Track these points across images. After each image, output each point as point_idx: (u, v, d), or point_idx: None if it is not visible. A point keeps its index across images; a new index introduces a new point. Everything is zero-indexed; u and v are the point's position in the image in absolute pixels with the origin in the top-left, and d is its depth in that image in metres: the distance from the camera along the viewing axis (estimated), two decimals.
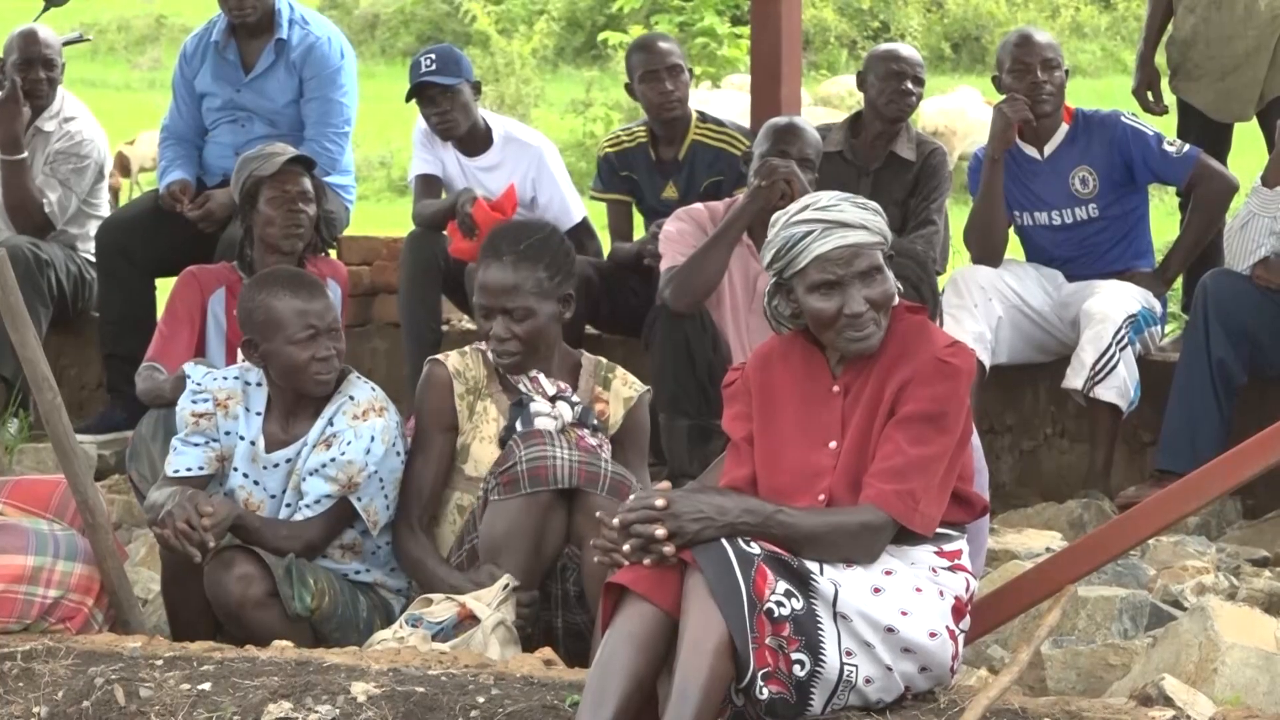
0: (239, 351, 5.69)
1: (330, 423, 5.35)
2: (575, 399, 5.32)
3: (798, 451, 4.41)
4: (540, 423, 5.23)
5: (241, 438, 5.39)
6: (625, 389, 5.43)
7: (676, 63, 7.41)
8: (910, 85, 7.36)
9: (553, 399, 5.29)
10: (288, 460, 5.36)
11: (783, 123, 6.73)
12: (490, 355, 5.35)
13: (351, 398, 5.38)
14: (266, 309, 5.37)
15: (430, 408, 5.36)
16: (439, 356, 5.41)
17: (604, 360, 5.50)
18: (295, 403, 5.40)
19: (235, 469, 5.39)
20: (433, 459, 5.33)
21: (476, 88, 7.49)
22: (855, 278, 4.35)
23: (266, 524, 5.31)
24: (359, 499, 5.30)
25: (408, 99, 7.48)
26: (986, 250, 7.16)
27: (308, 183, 6.55)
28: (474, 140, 7.51)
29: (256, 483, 5.39)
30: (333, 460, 5.30)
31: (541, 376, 5.31)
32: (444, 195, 7.52)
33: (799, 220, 4.39)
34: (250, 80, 7.84)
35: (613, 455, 5.26)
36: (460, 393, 5.34)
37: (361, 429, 5.31)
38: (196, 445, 5.39)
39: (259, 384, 5.45)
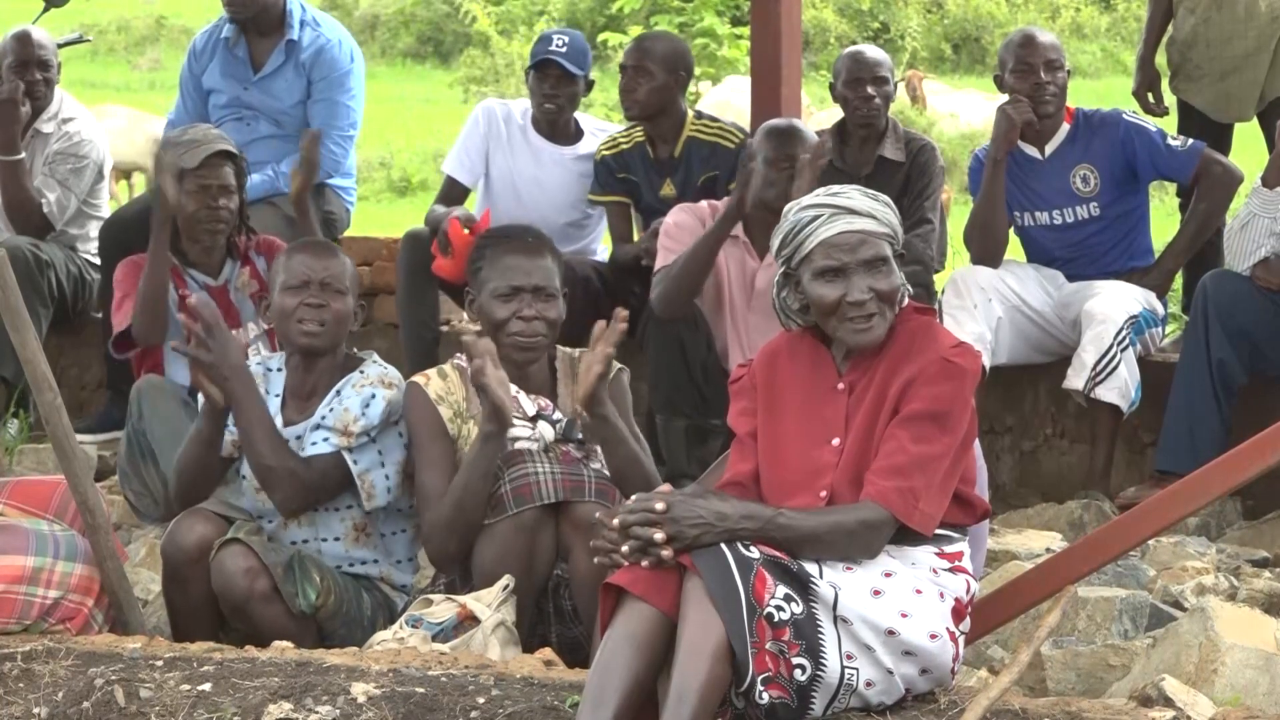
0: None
1: (338, 394, 5.38)
2: (556, 415, 5.25)
3: (801, 448, 4.41)
4: (520, 446, 5.18)
5: None
6: None
7: (633, 64, 7.43)
8: (869, 89, 7.36)
9: (533, 419, 5.23)
10: (298, 437, 5.37)
11: (783, 125, 6.71)
12: (471, 370, 5.30)
13: (362, 372, 5.41)
14: (278, 266, 5.51)
15: (421, 419, 5.26)
16: (418, 379, 5.33)
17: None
18: (312, 384, 5.43)
19: None
20: (440, 465, 5.20)
21: (589, 86, 7.67)
22: (860, 266, 4.36)
23: (267, 420, 5.29)
24: (355, 462, 5.30)
25: (530, 69, 7.58)
26: (987, 251, 7.16)
27: (230, 174, 6.58)
28: (565, 131, 7.64)
29: None
30: (330, 410, 5.32)
31: (521, 395, 5.22)
32: (473, 198, 7.58)
33: (807, 205, 4.42)
34: (258, 79, 7.85)
35: None
36: (449, 416, 5.27)
37: (364, 389, 5.34)
38: None
39: (279, 369, 5.50)
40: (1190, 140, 7.18)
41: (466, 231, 7.15)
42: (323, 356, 5.44)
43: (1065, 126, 7.20)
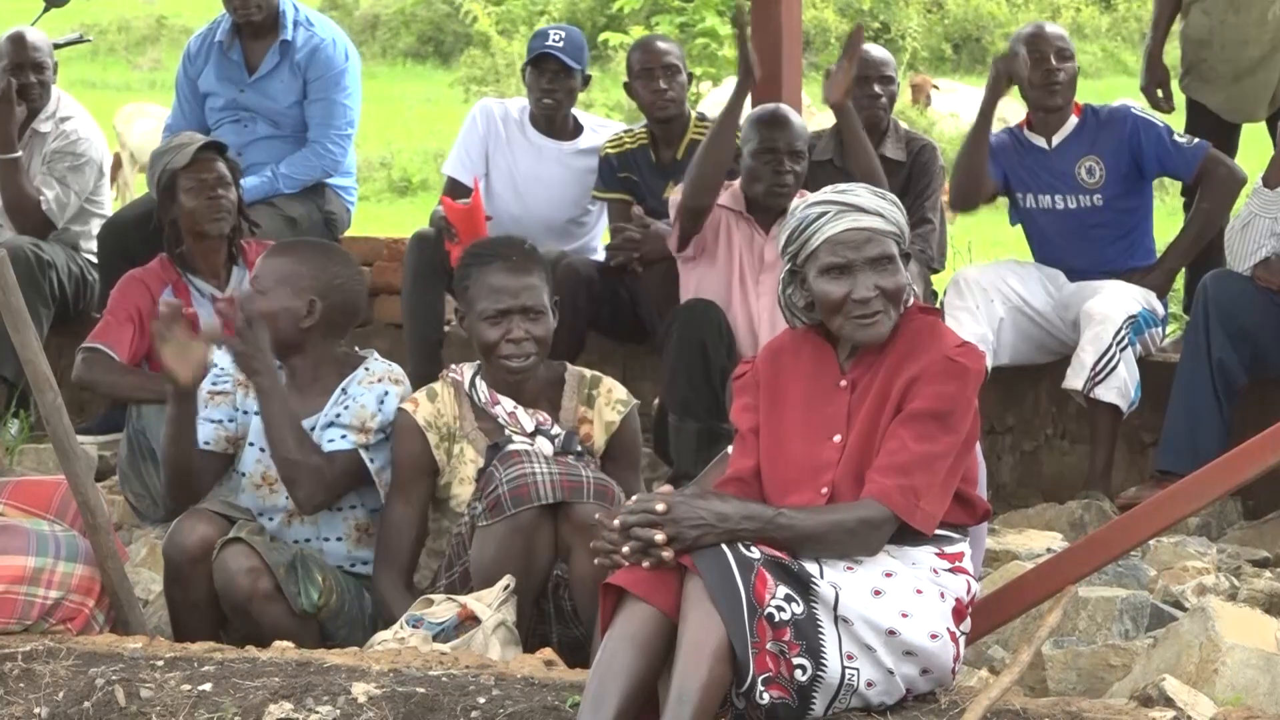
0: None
1: (344, 391, 5.38)
2: (555, 430, 5.23)
3: (802, 445, 4.41)
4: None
5: (258, 414, 5.40)
6: (610, 410, 5.33)
7: (673, 63, 7.43)
8: (875, 88, 7.40)
9: (531, 434, 5.21)
10: None
11: (767, 115, 6.72)
12: (482, 375, 5.29)
13: (367, 369, 5.42)
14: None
15: (405, 454, 5.27)
16: (406, 405, 5.31)
17: (588, 374, 5.39)
18: (312, 379, 5.43)
19: (251, 444, 5.41)
20: (413, 503, 5.26)
21: (586, 81, 7.66)
22: (865, 264, 4.35)
23: (293, 415, 5.29)
24: (372, 460, 5.30)
25: (527, 64, 7.60)
26: (966, 193, 7.26)
27: (223, 167, 6.62)
28: (563, 127, 7.64)
29: None
30: (345, 408, 5.32)
31: (520, 411, 5.24)
32: (475, 196, 7.60)
33: (815, 202, 4.42)
34: (254, 81, 7.85)
35: (604, 471, 5.17)
36: (435, 442, 5.26)
37: (375, 387, 5.36)
38: (212, 422, 5.41)
39: (278, 365, 5.48)
40: (1196, 139, 7.20)
41: (464, 202, 7.17)
42: (293, 352, 5.43)
43: (1073, 119, 7.21)
